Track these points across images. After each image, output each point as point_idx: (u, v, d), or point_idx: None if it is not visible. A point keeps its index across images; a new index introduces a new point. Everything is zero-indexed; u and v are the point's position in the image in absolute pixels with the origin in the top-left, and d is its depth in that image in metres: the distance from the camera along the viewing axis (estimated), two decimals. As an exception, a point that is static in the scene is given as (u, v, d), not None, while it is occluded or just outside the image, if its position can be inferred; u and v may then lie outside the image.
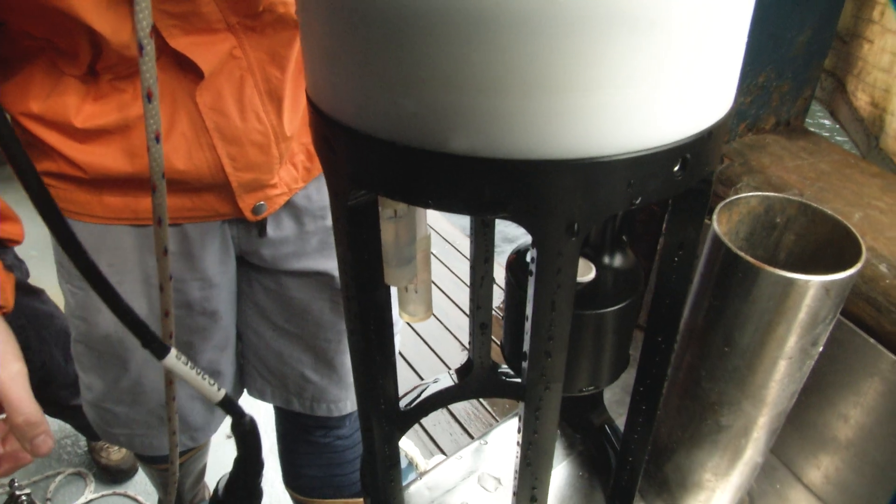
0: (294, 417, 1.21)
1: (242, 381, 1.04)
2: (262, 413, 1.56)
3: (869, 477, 0.39)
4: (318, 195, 0.80)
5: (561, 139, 0.18)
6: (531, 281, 0.22)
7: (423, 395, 0.45)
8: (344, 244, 0.24)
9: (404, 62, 0.18)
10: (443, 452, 1.79)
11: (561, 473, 0.43)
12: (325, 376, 0.96)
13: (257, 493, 0.41)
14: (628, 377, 0.33)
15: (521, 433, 0.27)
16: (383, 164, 0.20)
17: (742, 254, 0.30)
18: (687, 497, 0.39)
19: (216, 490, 0.41)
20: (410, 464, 1.78)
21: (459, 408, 1.91)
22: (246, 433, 0.39)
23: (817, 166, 0.42)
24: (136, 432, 0.89)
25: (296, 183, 0.75)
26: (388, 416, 0.33)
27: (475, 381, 0.46)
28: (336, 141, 0.21)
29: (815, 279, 0.29)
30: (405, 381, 2.03)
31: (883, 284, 0.36)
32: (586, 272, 0.30)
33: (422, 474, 1.68)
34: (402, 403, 0.42)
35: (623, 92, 0.18)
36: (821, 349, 0.32)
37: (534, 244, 0.21)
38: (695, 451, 0.37)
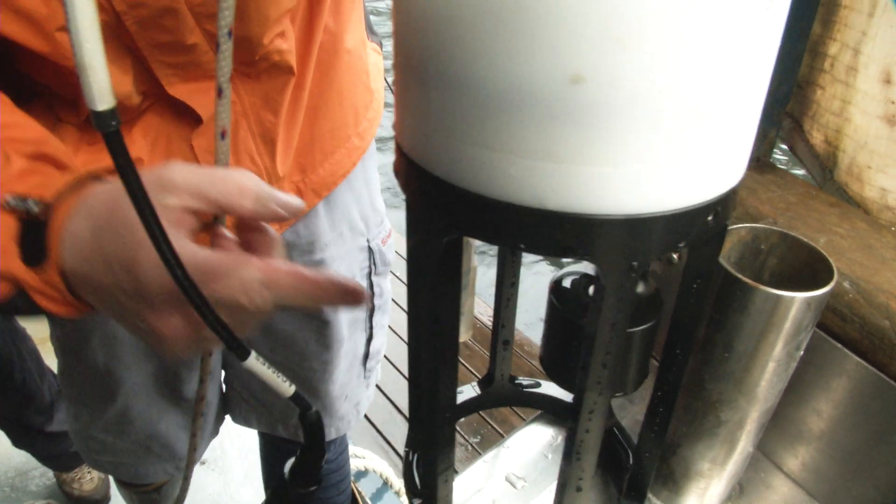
0: (279, 443, 1.23)
1: (226, 408, 1.06)
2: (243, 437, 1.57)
3: (840, 462, 0.46)
4: (306, 231, 0.84)
5: (625, 201, 0.24)
6: (597, 306, 0.27)
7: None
8: (434, 278, 0.29)
9: (516, 139, 0.24)
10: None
11: (577, 471, 0.49)
12: (312, 404, 0.99)
13: (319, 479, 0.45)
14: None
15: (571, 431, 0.33)
16: (488, 216, 0.26)
17: (740, 276, 0.36)
18: (690, 485, 0.45)
19: (283, 476, 0.45)
20: (385, 483, 1.81)
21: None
22: (311, 424, 0.42)
23: (785, 198, 0.49)
24: (122, 461, 0.91)
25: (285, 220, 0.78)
26: (441, 422, 0.38)
27: (497, 391, 0.51)
28: (440, 196, 0.26)
29: (800, 295, 0.35)
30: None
31: (847, 299, 0.43)
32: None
33: (398, 492, 1.69)
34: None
35: (674, 166, 0.24)
36: (801, 353, 0.39)
37: (601, 278, 0.27)
38: (698, 444, 0.43)
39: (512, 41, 0.22)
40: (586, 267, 0.39)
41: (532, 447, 0.51)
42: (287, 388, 0.40)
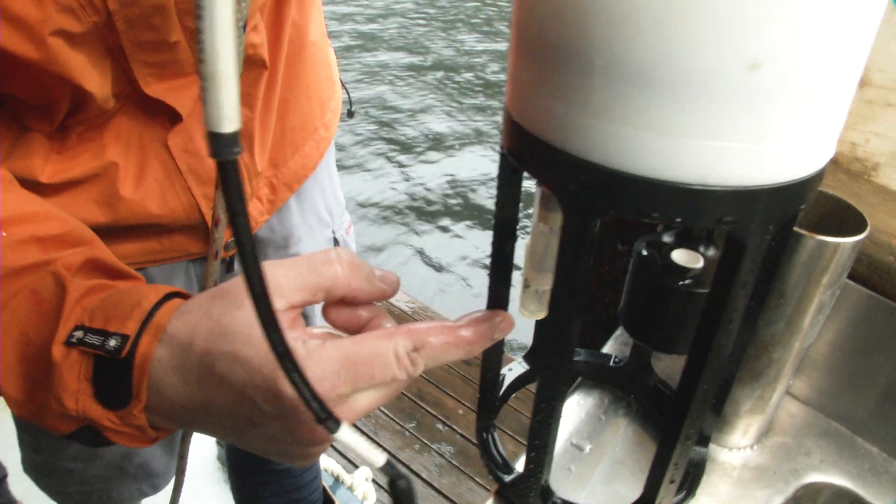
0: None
1: None
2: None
3: (838, 377, 0.53)
4: (280, 226, 0.83)
5: (780, 172, 0.27)
6: (730, 270, 0.30)
7: (505, 383, 0.52)
8: (578, 255, 0.31)
9: (687, 122, 0.26)
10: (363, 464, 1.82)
11: (630, 430, 0.53)
12: None
13: None
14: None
15: (689, 384, 0.36)
16: (650, 196, 0.28)
17: (795, 227, 0.41)
18: (738, 423, 0.50)
19: None
20: (337, 479, 1.80)
21: (370, 420, 1.97)
22: (402, 493, 0.40)
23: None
24: (93, 488, 0.86)
25: (261, 216, 0.77)
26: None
27: (545, 366, 0.54)
28: (601, 182, 0.28)
29: (846, 240, 0.40)
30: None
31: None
32: (695, 262, 0.39)
33: (350, 487, 1.70)
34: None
35: (818, 138, 0.27)
36: (839, 292, 0.44)
37: (738, 242, 0.30)
38: (750, 384, 0.48)
39: (693, 29, 0.24)
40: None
41: (584, 413, 0.54)
42: (379, 456, 0.36)
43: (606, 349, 0.61)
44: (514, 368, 0.53)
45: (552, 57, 0.28)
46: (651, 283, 0.39)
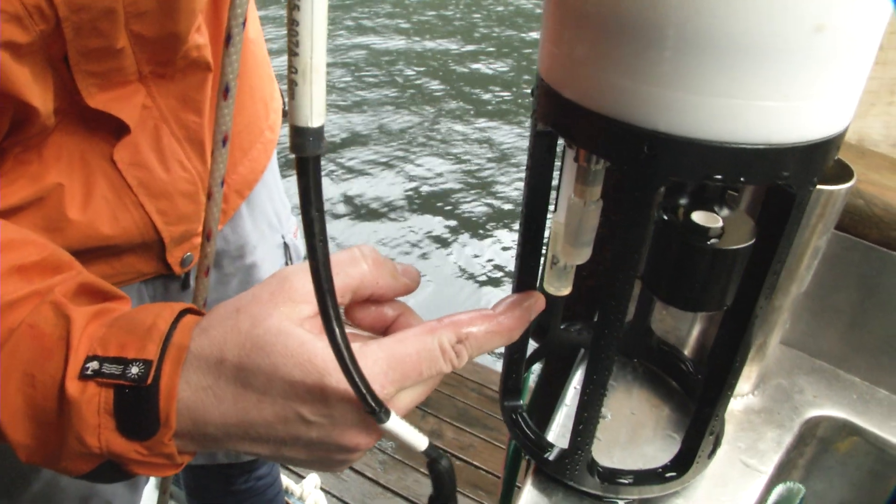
0: (215, 471, 1.16)
1: None
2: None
3: (819, 313, 0.57)
4: (234, 235, 0.80)
5: (828, 128, 0.29)
6: (774, 224, 0.32)
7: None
8: (642, 224, 0.32)
9: (753, 85, 0.27)
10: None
11: (642, 392, 0.55)
12: None
13: None
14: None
15: (732, 335, 0.38)
16: (712, 160, 0.29)
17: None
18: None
19: None
20: (286, 491, 1.76)
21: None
22: (441, 473, 0.41)
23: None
24: None
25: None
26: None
27: (554, 339, 0.55)
28: (664, 149, 0.29)
29: (840, 187, 0.44)
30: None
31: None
32: (715, 222, 0.41)
33: (301, 497, 1.67)
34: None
35: (855, 96, 0.29)
36: (829, 238, 0.48)
37: (788, 195, 0.31)
38: (758, 332, 0.51)
39: (765, -1, 0.25)
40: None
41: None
42: (422, 440, 0.37)
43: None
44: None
45: (617, 32, 0.28)
46: (676, 245, 0.40)
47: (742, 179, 0.30)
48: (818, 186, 0.43)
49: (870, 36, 0.28)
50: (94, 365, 0.34)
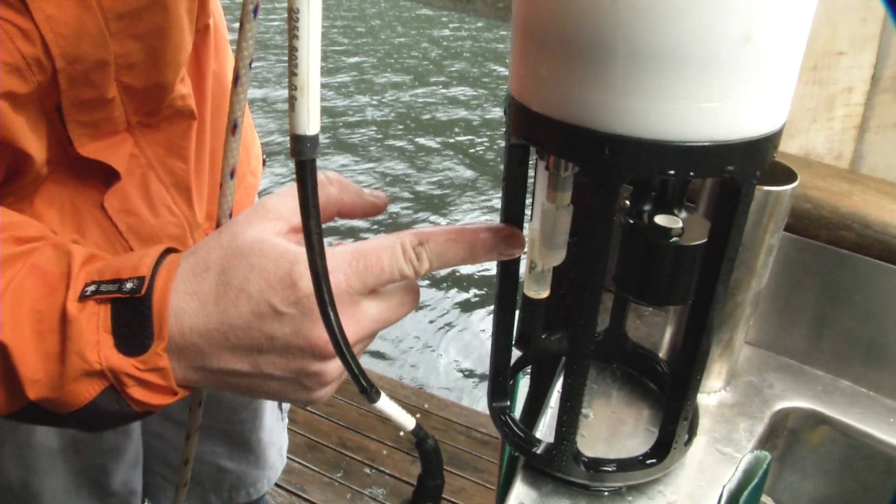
0: None
1: (150, 493, 0.98)
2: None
3: (782, 314, 0.61)
4: None
5: (767, 124, 0.34)
6: (727, 215, 0.36)
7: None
8: (606, 220, 0.36)
9: (695, 89, 0.31)
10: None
11: (621, 393, 0.58)
12: (243, 460, 0.97)
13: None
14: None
15: (698, 323, 0.41)
16: (667, 157, 0.33)
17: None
18: (713, 367, 0.57)
19: None
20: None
21: (295, 476, 1.93)
22: (429, 452, 0.44)
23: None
24: None
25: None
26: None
27: (536, 348, 0.58)
28: (621, 150, 0.33)
29: (786, 188, 0.48)
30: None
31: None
32: (676, 223, 0.45)
33: None
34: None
35: (787, 98, 0.34)
36: (780, 237, 0.52)
37: (735, 188, 0.35)
38: (721, 328, 0.54)
39: (701, 13, 0.30)
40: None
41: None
42: (409, 420, 0.42)
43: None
44: (509, 356, 0.57)
45: (575, 50, 0.32)
46: (642, 245, 0.44)
47: (692, 174, 0.34)
48: (766, 188, 0.48)
49: (793, 44, 0.32)
50: (92, 287, 0.38)
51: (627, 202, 0.47)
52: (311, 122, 0.28)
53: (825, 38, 0.62)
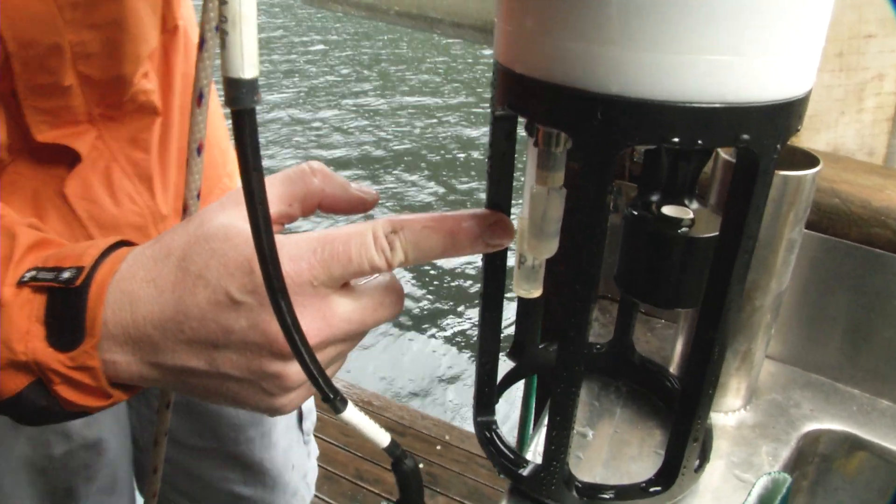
0: None
1: None
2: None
3: (810, 324, 0.55)
4: None
5: (783, 89, 0.28)
6: (743, 195, 0.31)
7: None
8: (600, 195, 0.30)
9: (685, 39, 0.26)
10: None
11: (626, 412, 0.52)
12: (259, 483, 0.92)
13: None
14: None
15: (710, 323, 0.35)
16: (667, 119, 0.28)
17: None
18: (730, 383, 0.51)
19: None
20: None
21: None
22: (407, 474, 0.39)
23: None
24: None
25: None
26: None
27: (531, 358, 0.53)
28: (619, 112, 0.28)
29: (806, 172, 0.42)
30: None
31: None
32: (686, 214, 0.39)
33: None
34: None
35: (814, 56, 0.28)
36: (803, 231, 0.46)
37: (752, 161, 0.30)
38: (738, 337, 0.48)
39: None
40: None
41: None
42: (384, 436, 0.37)
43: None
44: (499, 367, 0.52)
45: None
46: (649, 238, 0.39)
47: (700, 142, 0.28)
48: (784, 173, 0.42)
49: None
50: (31, 273, 0.35)
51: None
52: (245, 63, 0.23)
53: (851, 20, 0.56)
